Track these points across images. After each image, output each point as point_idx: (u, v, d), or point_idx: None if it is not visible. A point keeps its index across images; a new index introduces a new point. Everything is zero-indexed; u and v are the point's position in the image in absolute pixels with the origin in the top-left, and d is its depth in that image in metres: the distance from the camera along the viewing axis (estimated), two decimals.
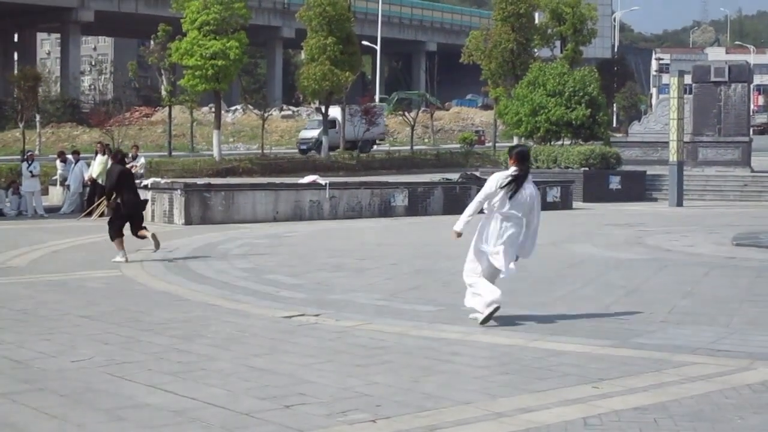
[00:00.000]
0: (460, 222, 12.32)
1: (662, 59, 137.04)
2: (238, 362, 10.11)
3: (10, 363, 10.12)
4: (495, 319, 12.25)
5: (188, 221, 29.53)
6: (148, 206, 30.93)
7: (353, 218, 32.29)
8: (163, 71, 64.03)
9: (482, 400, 8.52)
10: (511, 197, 12.24)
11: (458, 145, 75.18)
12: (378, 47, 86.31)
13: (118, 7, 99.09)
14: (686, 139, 44.93)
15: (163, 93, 64.16)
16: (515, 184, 12.23)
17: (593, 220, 32.16)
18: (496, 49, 66.49)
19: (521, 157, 12.45)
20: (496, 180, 12.32)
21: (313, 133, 69.89)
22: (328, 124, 66.83)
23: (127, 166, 33.71)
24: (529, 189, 12.39)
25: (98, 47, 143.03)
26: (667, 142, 43.28)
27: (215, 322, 12.69)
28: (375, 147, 71.82)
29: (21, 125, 59.48)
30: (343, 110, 66.75)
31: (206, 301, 14.49)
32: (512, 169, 12.37)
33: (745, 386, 9.06)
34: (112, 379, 9.38)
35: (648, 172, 48.07)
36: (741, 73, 50.51)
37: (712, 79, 49.96)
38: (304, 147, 70.09)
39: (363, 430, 7.65)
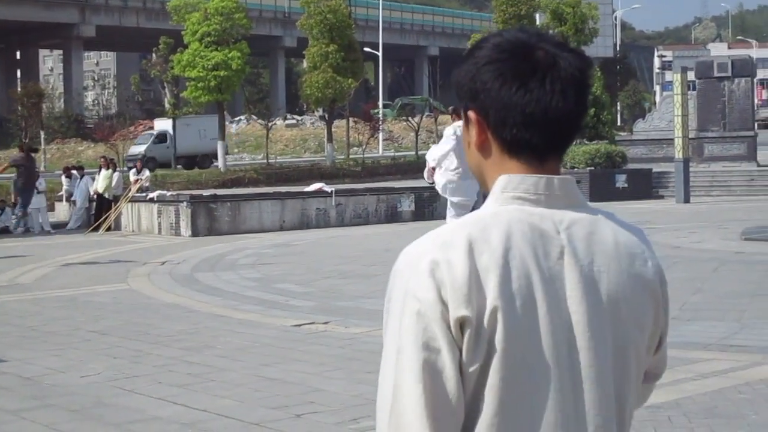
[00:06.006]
0: None
1: (665, 56, 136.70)
2: (248, 372, 10.07)
3: (20, 380, 10.08)
4: None
5: (195, 233, 29.51)
6: (155, 219, 31.06)
7: (360, 225, 32.25)
8: (165, 84, 64.20)
9: None
10: None
11: None
12: (380, 53, 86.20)
13: (120, 22, 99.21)
14: (691, 135, 44.84)
15: (167, 105, 64.27)
16: None
17: None
18: None
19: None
20: None
21: (141, 149, 63.09)
22: (156, 138, 63.92)
23: (133, 179, 34.09)
24: None
25: (100, 62, 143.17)
26: (672, 139, 43.19)
27: (224, 332, 12.65)
28: (214, 163, 63.64)
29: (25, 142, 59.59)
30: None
31: (215, 312, 14.45)
32: None
33: (759, 381, 9.01)
34: (122, 393, 9.35)
35: (654, 170, 47.91)
36: (744, 68, 50.43)
37: (716, 74, 49.89)
38: (131, 164, 62.79)
39: None
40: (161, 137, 64.72)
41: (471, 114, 2.21)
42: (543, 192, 2.16)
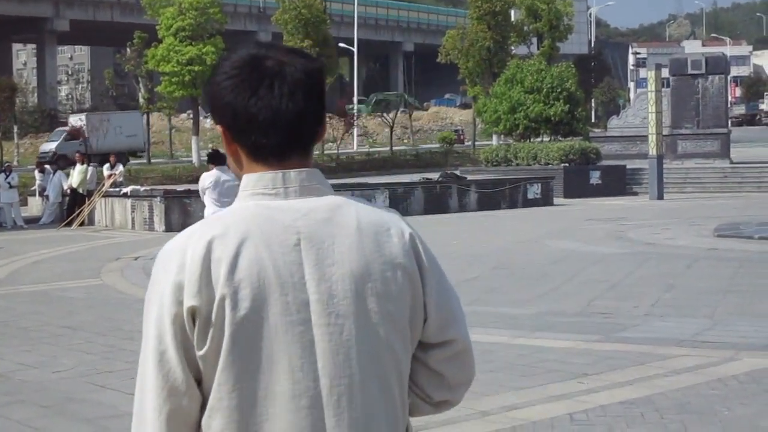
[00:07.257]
0: None
1: (639, 53, 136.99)
2: None
3: None
4: (477, 315, 12.20)
5: (169, 228, 29.39)
6: (129, 214, 30.95)
7: None
8: (140, 78, 63.86)
9: (467, 399, 8.43)
10: None
11: (438, 145, 75.08)
12: (355, 49, 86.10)
13: (94, 16, 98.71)
14: (665, 132, 44.97)
15: (141, 100, 63.97)
16: None
17: (574, 216, 32.14)
18: (473, 48, 66.45)
19: None
20: None
21: (52, 146, 58.76)
22: (69, 135, 60.18)
23: (107, 174, 33.94)
24: None
25: (75, 56, 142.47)
26: (646, 136, 43.29)
27: None
28: (132, 161, 60.35)
29: None
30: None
31: None
32: None
33: (731, 377, 9.04)
34: (95, 389, 9.30)
35: (628, 167, 48.06)
36: (718, 65, 50.59)
37: (690, 71, 50.03)
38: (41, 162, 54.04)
39: None
40: (74, 134, 60.98)
41: (219, 128, 2.37)
42: (280, 186, 2.31)
